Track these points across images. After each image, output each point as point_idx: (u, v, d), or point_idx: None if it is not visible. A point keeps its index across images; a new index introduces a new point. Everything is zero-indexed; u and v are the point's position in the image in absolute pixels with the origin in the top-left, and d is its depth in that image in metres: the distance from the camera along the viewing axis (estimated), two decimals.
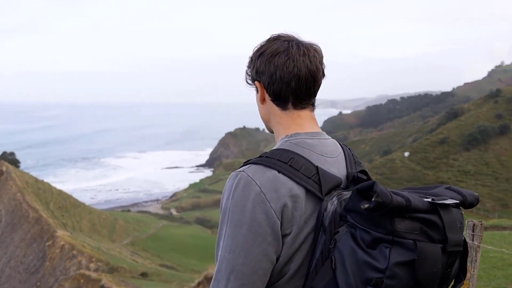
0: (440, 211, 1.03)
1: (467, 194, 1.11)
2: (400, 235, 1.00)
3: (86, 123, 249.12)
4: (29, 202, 39.61)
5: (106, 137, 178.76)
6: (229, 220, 1.16)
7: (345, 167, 1.30)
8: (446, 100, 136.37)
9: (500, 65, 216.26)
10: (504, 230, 10.92)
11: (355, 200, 1.08)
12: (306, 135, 1.27)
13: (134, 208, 77.33)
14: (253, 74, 1.32)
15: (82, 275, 26.04)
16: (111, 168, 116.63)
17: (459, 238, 1.04)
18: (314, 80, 1.27)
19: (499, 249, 5.30)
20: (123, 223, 57.14)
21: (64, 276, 27.87)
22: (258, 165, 1.19)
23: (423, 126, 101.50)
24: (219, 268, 1.15)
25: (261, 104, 1.34)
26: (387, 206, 0.99)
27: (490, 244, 7.60)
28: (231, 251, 1.14)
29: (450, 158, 68.74)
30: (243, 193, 1.15)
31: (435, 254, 1.00)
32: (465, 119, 77.99)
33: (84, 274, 26.25)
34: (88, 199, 75.33)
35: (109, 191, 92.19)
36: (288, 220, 1.15)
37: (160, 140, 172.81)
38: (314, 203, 1.17)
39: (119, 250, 44.31)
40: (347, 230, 1.08)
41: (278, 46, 1.27)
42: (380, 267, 0.99)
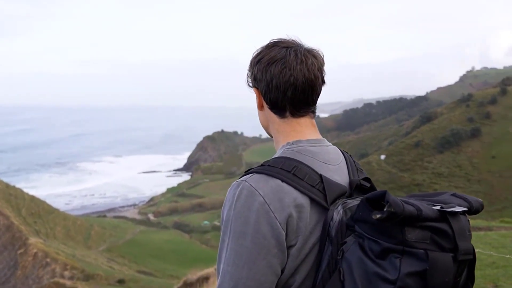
0: (449, 219, 1.00)
1: (473, 200, 1.08)
2: (411, 244, 0.97)
3: (61, 126, 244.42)
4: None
5: (82, 141, 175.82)
6: (231, 231, 1.11)
7: (348, 174, 1.26)
8: (420, 104, 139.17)
9: (471, 70, 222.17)
10: (480, 231, 11.08)
11: (364, 210, 1.04)
12: (308, 142, 1.24)
13: (111, 214, 76.17)
14: (251, 80, 1.30)
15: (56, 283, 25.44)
16: (87, 173, 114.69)
17: (469, 246, 1.01)
18: (311, 89, 1.23)
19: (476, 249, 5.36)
20: (99, 229, 56.23)
21: (37, 285, 27.22)
22: (260, 174, 1.15)
23: (399, 129, 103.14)
24: (221, 282, 1.11)
25: (260, 110, 1.32)
26: (399, 216, 0.96)
27: None
28: (234, 264, 1.09)
29: (424, 161, 70.00)
30: (246, 203, 1.11)
31: (447, 263, 0.98)
32: (438, 122, 79.65)
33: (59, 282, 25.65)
34: (62, 205, 73.83)
35: (84, 197, 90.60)
36: (293, 231, 1.12)
37: (137, 144, 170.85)
38: (319, 213, 1.14)
39: (95, 257, 43.55)
40: (355, 241, 1.05)
41: (276, 53, 1.23)
42: (391, 278, 0.96)
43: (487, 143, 71.06)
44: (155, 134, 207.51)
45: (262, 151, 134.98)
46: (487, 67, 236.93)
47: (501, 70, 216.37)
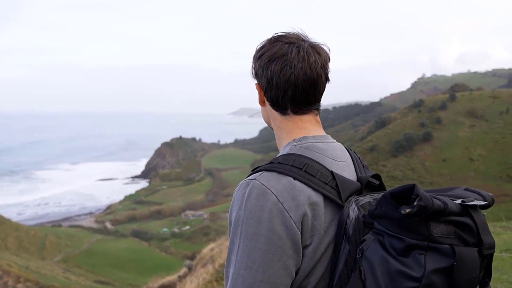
0: (472, 213, 0.98)
1: (486, 195, 1.05)
2: (436, 240, 0.94)
3: (12, 134, 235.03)
4: None
5: (36, 149, 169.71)
6: (242, 233, 1.05)
7: (355, 171, 1.24)
8: (374, 109, 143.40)
9: (422, 77, 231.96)
10: None
11: (387, 205, 1.00)
12: (314, 138, 1.20)
13: (66, 223, 74.01)
14: (253, 74, 1.26)
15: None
16: (41, 181, 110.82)
17: (492, 240, 0.99)
18: (313, 88, 1.19)
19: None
20: (54, 239, 54.66)
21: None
22: (271, 172, 1.09)
23: (354, 134, 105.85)
24: (232, 287, 1.05)
25: (262, 106, 1.28)
26: (429, 210, 0.92)
27: None
28: (247, 267, 1.03)
29: (379, 164, 72.10)
30: (257, 202, 1.05)
31: (473, 258, 0.94)
32: (392, 127, 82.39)
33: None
34: (14, 215, 71.22)
35: (38, 206, 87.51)
36: (308, 231, 1.07)
37: (95, 151, 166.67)
38: (333, 211, 1.10)
39: (50, 268, 42.33)
40: (374, 238, 1.00)
41: (277, 49, 1.18)
42: (416, 276, 0.92)
43: (438, 147, 74.13)
44: (113, 141, 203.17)
45: (221, 157, 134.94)
46: (436, 74, 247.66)
47: (449, 77, 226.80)
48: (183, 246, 57.28)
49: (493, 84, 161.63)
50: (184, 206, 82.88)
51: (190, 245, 55.30)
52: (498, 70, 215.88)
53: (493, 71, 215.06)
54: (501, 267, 6.66)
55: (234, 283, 1.04)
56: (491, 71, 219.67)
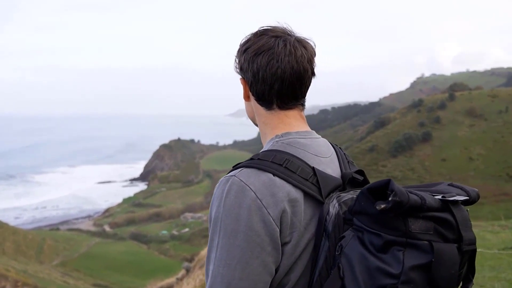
0: (452, 208, 0.96)
1: (470, 190, 1.04)
2: (415, 236, 0.92)
3: (9, 137, 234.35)
4: None
5: (33, 152, 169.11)
6: (221, 230, 1.04)
7: (339, 167, 1.21)
8: (373, 110, 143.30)
9: (421, 77, 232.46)
10: None
11: (364, 201, 0.98)
12: (297, 134, 1.18)
13: (64, 226, 73.64)
14: (238, 68, 1.23)
15: None
16: (38, 185, 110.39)
17: (472, 236, 0.97)
18: (300, 82, 1.17)
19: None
20: (52, 242, 54.34)
21: None
22: (251, 169, 1.08)
23: (353, 134, 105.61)
24: (212, 284, 1.04)
25: (246, 101, 1.26)
26: (405, 205, 0.91)
27: None
28: (226, 265, 1.02)
29: (379, 165, 71.88)
30: (236, 199, 1.04)
31: (452, 254, 0.93)
32: (391, 127, 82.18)
33: None
34: (11, 219, 70.87)
35: (35, 209, 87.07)
36: (287, 227, 1.06)
37: (93, 154, 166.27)
38: (313, 207, 1.09)
39: (48, 271, 41.99)
40: (353, 235, 0.99)
41: (264, 43, 1.16)
42: (394, 272, 0.91)
43: (438, 147, 73.93)
44: (111, 143, 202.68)
45: (219, 158, 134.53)
46: (435, 74, 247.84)
47: (448, 76, 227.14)
48: (183, 249, 56.93)
49: (492, 83, 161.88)
50: (183, 208, 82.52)
51: (190, 247, 54.93)
52: (496, 69, 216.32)
53: (492, 70, 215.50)
54: (499, 265, 6.47)
55: (213, 280, 1.03)
56: (489, 70, 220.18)
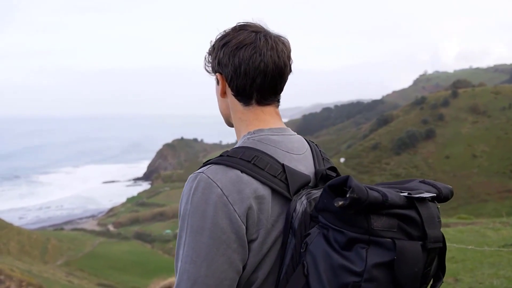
0: (417, 205, 0.94)
1: (442, 187, 1.03)
2: (377, 233, 0.91)
3: (13, 138, 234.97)
4: None
5: (37, 154, 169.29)
6: (188, 227, 1.04)
7: (313, 164, 1.19)
8: (376, 107, 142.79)
9: (424, 74, 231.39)
10: None
11: (327, 198, 0.97)
12: (270, 131, 1.16)
13: (68, 226, 73.79)
14: (214, 64, 1.20)
15: None
16: (43, 185, 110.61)
17: (438, 233, 0.96)
18: (280, 77, 1.17)
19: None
20: (56, 242, 54.45)
21: None
22: (219, 165, 1.07)
23: (357, 132, 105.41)
24: (179, 282, 1.03)
25: (221, 97, 1.23)
26: (363, 202, 0.90)
27: None
28: (192, 262, 1.02)
29: (382, 162, 71.79)
30: (203, 196, 1.03)
31: (415, 252, 0.92)
32: (394, 125, 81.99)
33: None
34: (16, 219, 70.91)
35: (40, 210, 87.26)
36: (254, 224, 1.04)
37: (96, 155, 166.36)
38: (282, 204, 1.07)
39: (53, 271, 42.07)
40: (319, 232, 0.98)
41: (245, 37, 1.15)
42: (357, 270, 0.89)
43: (441, 144, 73.72)
44: (114, 144, 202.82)
45: None
46: (438, 71, 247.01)
47: (451, 73, 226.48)
48: None
49: (495, 80, 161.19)
50: None
51: None
52: (499, 65, 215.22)
53: (495, 67, 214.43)
54: (499, 262, 6.47)
55: (180, 277, 1.03)
56: (492, 66, 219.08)
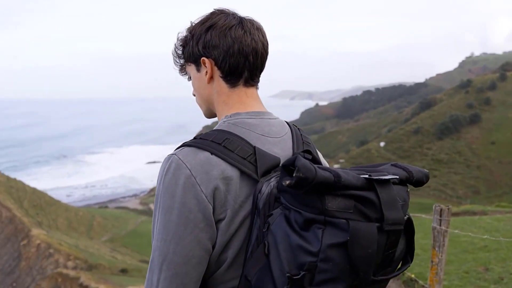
0: (376, 187, 0.94)
1: (414, 170, 1.03)
2: (332, 214, 0.91)
3: (63, 120, 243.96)
4: (1, 201, 38.91)
5: (85, 134, 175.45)
6: (160, 206, 1.08)
7: (292, 147, 1.20)
8: (419, 90, 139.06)
9: (470, 56, 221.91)
10: (475, 215, 11.30)
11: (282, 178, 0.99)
12: (247, 114, 1.18)
13: (112, 204, 76.44)
14: (196, 50, 1.19)
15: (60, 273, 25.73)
16: (88, 165, 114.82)
17: (398, 216, 0.94)
18: (266, 56, 1.21)
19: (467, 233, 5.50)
20: (101, 219, 56.56)
21: (41, 275, 27.51)
22: (191, 147, 1.10)
23: (398, 116, 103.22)
24: (152, 258, 1.08)
25: (207, 83, 1.22)
26: (311, 181, 0.90)
27: (461, 229, 7.87)
28: (162, 240, 1.06)
29: (424, 147, 70.21)
30: (173, 177, 1.06)
31: (369, 233, 0.91)
32: (437, 109, 79.75)
33: (62, 272, 25.94)
34: (64, 197, 73.94)
35: (85, 188, 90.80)
36: (221, 204, 1.07)
37: (141, 136, 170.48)
38: (250, 186, 1.09)
39: (98, 247, 43.90)
40: (281, 212, 0.98)
41: (230, 19, 1.17)
42: (313, 250, 0.91)
43: (487, 129, 71.26)
44: (158, 125, 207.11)
45: None
46: (486, 53, 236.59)
47: (500, 55, 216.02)
48: None
49: None
50: None
51: None
52: None
53: None
54: None
55: (153, 254, 1.08)
56: None
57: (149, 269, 1.09)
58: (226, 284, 1.11)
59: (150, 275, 1.08)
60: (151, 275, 1.08)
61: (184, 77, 1.31)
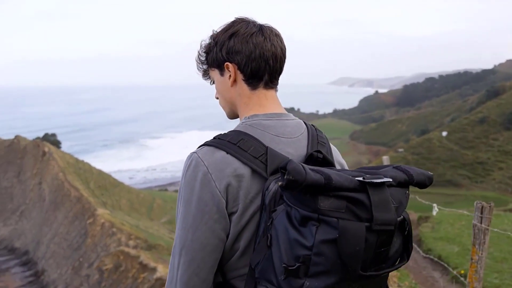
0: (368, 189, 1.01)
1: (415, 173, 1.10)
2: (325, 213, 0.99)
3: (127, 105, 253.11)
4: (70, 181, 41.10)
5: (147, 120, 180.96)
6: (182, 199, 1.23)
7: (306, 147, 1.29)
8: (486, 78, 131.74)
9: None
10: None
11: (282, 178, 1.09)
12: (264, 116, 1.29)
13: (172, 188, 78.51)
14: (220, 56, 1.32)
15: (122, 251, 27.06)
16: (149, 149, 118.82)
17: (388, 217, 1.01)
18: (284, 60, 1.33)
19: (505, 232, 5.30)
20: (161, 202, 58.35)
21: (105, 252, 29.06)
22: (209, 147, 1.23)
23: (462, 105, 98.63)
24: (174, 244, 1.23)
25: (231, 87, 1.34)
26: (301, 184, 0.98)
27: None
28: (182, 228, 1.20)
29: (490, 138, 66.77)
30: (193, 173, 1.20)
31: (357, 232, 0.98)
32: (506, 97, 75.36)
33: (124, 251, 27.25)
34: (126, 179, 76.79)
35: (147, 171, 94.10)
36: (233, 199, 1.19)
37: (200, 122, 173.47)
38: (261, 183, 1.19)
39: (157, 228, 45.46)
40: (283, 209, 1.08)
41: (251, 27, 1.30)
42: (307, 245, 0.99)
43: None
44: (217, 111, 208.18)
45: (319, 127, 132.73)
46: None
47: None
48: None
49: None
50: None
51: None
52: None
53: None
54: None
55: (175, 240, 1.23)
56: None
57: (172, 254, 1.24)
58: (239, 271, 1.23)
59: (172, 259, 1.24)
60: (173, 259, 1.23)
61: (207, 81, 1.43)
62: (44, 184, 42.59)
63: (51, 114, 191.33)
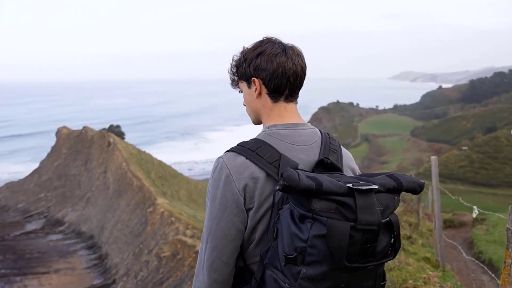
0: (356, 195, 1.19)
1: (405, 181, 1.28)
2: (316, 213, 1.18)
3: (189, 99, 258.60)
4: (133, 171, 42.61)
5: (208, 113, 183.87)
6: (210, 195, 1.47)
7: (318, 154, 1.50)
8: None
9: None
10: None
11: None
12: (282, 126, 1.52)
13: None
14: (248, 71, 1.55)
15: (179, 240, 27.93)
16: (208, 142, 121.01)
17: (372, 218, 1.19)
18: (303, 77, 1.56)
19: None
20: None
21: (164, 240, 30.00)
22: (232, 152, 1.46)
23: None
24: (203, 232, 1.48)
25: (256, 98, 1.57)
26: (294, 188, 1.18)
27: None
28: (209, 219, 1.45)
29: None
30: (218, 175, 1.44)
31: (342, 230, 1.17)
32: None
33: (181, 239, 28.09)
34: (185, 170, 78.28)
35: (205, 163, 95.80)
36: (250, 197, 1.42)
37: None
38: (273, 185, 1.42)
39: None
40: (288, 207, 1.29)
41: (276, 47, 1.52)
42: (303, 238, 1.20)
43: None
44: None
45: (378, 122, 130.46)
46: None
47: None
48: None
49: None
50: None
51: None
52: None
53: None
54: None
55: (204, 228, 1.47)
56: None
57: (201, 240, 1.49)
58: (255, 258, 1.46)
59: (201, 245, 1.49)
60: (202, 245, 1.49)
61: (237, 89, 1.66)
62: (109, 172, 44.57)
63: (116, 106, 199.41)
